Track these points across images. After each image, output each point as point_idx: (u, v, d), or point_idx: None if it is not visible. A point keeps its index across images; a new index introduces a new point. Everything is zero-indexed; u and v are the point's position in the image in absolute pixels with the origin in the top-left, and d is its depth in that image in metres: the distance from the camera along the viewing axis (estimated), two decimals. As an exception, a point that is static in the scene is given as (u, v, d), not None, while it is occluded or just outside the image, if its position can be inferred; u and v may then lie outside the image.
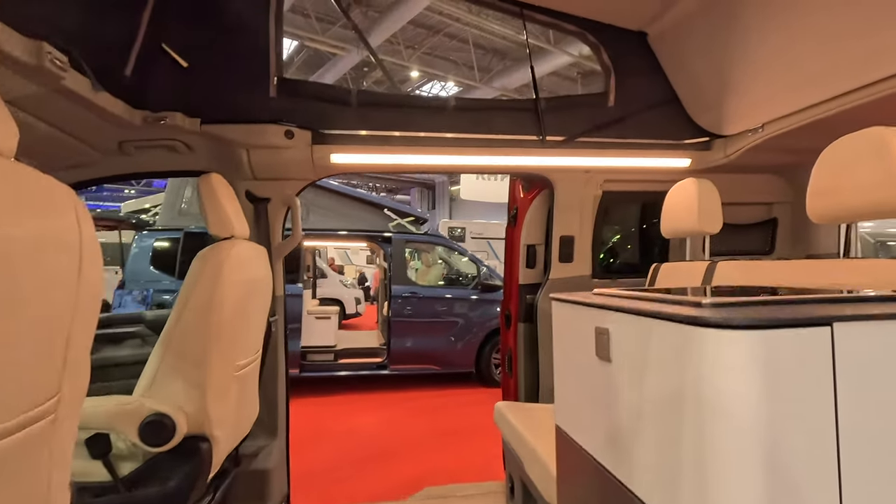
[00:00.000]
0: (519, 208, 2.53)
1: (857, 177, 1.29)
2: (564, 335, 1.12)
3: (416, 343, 6.02)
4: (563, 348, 1.14)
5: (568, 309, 1.10)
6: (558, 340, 1.17)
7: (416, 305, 6.07)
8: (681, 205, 2.03)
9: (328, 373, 5.85)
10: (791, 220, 2.51)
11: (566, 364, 1.12)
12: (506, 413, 2.05)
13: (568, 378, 1.11)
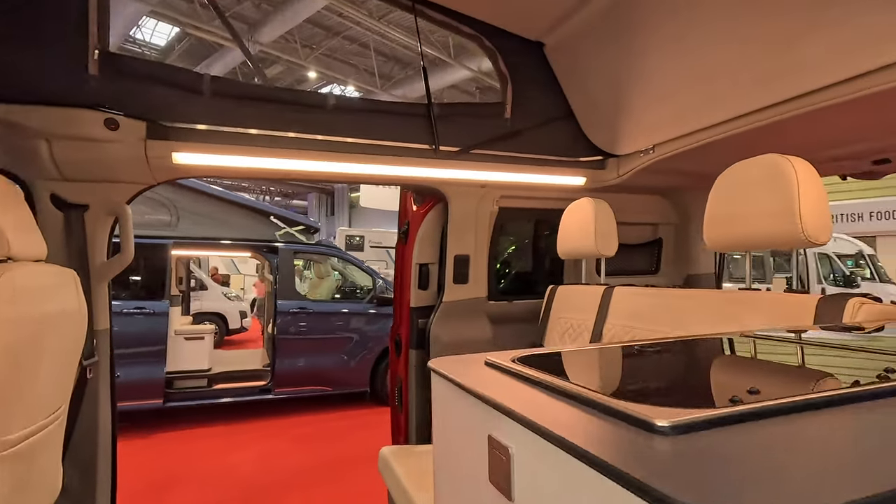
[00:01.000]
0: (410, 223, 2.30)
1: (753, 205, 1.24)
2: (446, 431, 0.74)
3: (305, 363, 5.52)
4: (444, 449, 0.75)
5: (451, 392, 0.70)
6: (439, 434, 0.78)
7: (306, 322, 5.59)
8: (577, 226, 1.93)
9: (201, 401, 5.13)
10: (674, 240, 2.57)
11: (447, 474, 0.74)
12: (391, 461, 1.79)
13: (450, 498, 0.75)
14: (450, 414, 0.69)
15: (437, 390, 0.75)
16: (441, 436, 0.73)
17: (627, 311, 1.66)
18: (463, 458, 0.64)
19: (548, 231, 2.55)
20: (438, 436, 0.74)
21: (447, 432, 0.71)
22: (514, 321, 2.39)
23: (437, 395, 0.75)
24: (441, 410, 0.72)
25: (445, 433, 0.71)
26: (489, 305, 2.32)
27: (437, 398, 0.75)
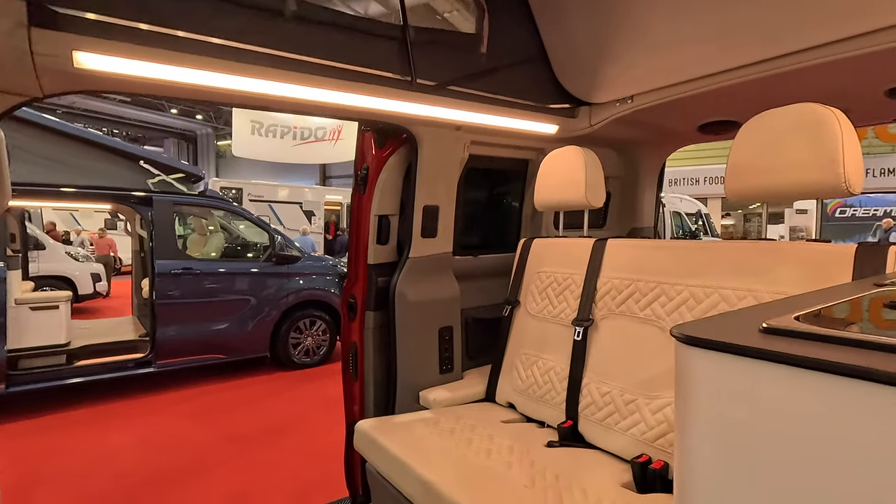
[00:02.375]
0: (370, 168, 2.00)
1: (789, 154, 1.22)
2: (739, 427, 0.49)
3: (192, 330, 4.86)
4: (727, 450, 0.50)
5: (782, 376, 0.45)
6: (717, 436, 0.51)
7: (192, 283, 4.88)
8: (563, 175, 1.83)
9: (59, 382, 4.25)
10: (621, 194, 2.62)
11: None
12: (375, 435, 1.58)
13: None
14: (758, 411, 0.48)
15: (717, 373, 0.53)
16: (727, 438, 0.49)
17: (626, 264, 1.62)
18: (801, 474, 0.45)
19: (512, 183, 2.43)
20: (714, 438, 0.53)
21: (746, 433, 0.47)
22: (481, 277, 2.26)
23: (716, 379, 0.52)
24: (733, 408, 0.51)
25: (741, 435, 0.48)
26: (455, 261, 2.15)
27: (713, 382, 0.52)
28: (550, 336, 1.81)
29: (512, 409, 1.90)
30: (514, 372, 1.90)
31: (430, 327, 2.02)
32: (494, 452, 1.46)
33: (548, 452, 1.50)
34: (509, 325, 2.01)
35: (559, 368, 1.73)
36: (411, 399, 1.98)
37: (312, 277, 5.73)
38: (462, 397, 1.96)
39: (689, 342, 0.51)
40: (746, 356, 0.46)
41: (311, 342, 5.71)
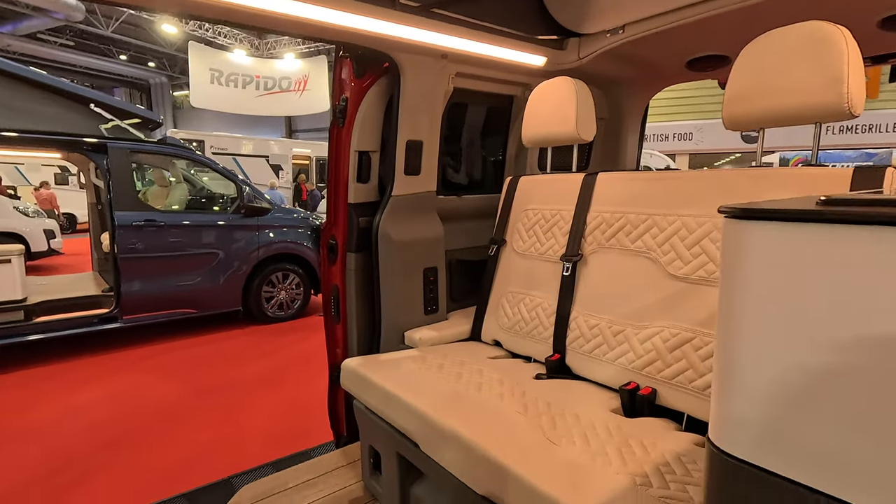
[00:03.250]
0: (349, 100, 1.87)
1: (792, 76, 1.19)
2: (799, 292, 0.50)
3: (160, 284, 4.69)
4: (784, 316, 0.51)
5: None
6: (764, 296, 0.53)
7: (156, 236, 4.67)
8: (553, 108, 1.76)
9: (16, 338, 4.06)
10: (604, 136, 2.58)
11: (777, 352, 0.52)
12: (363, 371, 1.56)
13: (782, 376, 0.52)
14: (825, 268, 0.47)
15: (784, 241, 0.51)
16: (778, 296, 0.49)
17: (617, 197, 1.59)
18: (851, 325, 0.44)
19: (495, 120, 2.34)
20: (762, 297, 0.50)
21: (799, 291, 0.47)
22: (465, 218, 2.21)
23: (781, 246, 0.50)
24: (790, 267, 0.49)
25: (792, 294, 0.48)
26: (439, 201, 2.08)
27: (779, 251, 0.50)
28: (538, 273, 1.79)
29: (498, 346, 1.90)
30: (501, 310, 1.89)
31: (415, 268, 1.97)
32: (485, 385, 1.46)
33: (537, 384, 1.51)
34: (495, 265, 1.98)
35: (546, 305, 1.72)
36: (396, 340, 1.96)
37: (284, 230, 5.57)
38: (447, 336, 1.94)
39: (744, 216, 0.47)
40: (811, 221, 0.43)
41: (284, 296, 5.62)
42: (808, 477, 0.48)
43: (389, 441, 1.47)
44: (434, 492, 1.42)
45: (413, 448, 1.34)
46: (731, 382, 0.53)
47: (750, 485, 0.52)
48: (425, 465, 1.33)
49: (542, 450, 1.09)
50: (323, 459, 1.95)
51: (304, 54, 17.79)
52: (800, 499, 0.48)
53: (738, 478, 0.53)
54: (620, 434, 1.19)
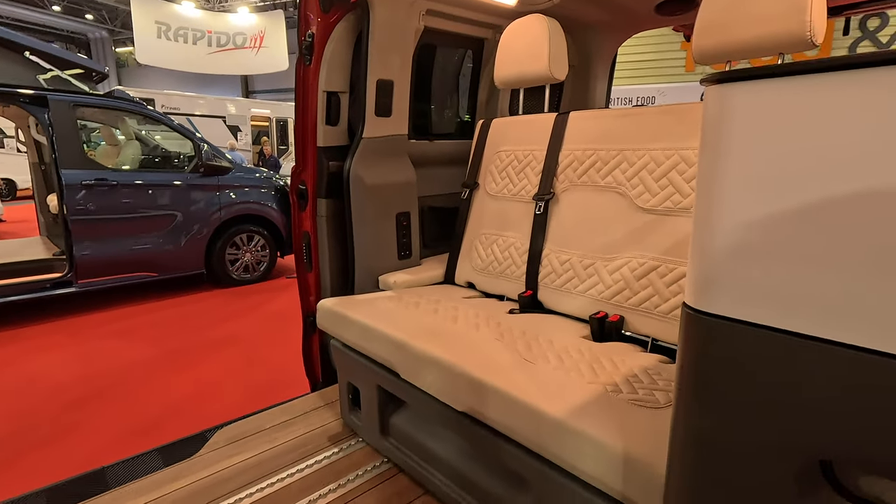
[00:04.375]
0: (315, 36, 1.80)
1: (752, 7, 1.22)
2: (781, 146, 0.53)
3: (114, 246, 4.49)
4: (760, 176, 0.54)
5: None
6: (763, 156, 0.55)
7: (108, 196, 4.44)
8: (526, 48, 1.74)
9: (-39, 305, 3.84)
10: (573, 82, 2.58)
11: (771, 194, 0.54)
12: (340, 309, 1.56)
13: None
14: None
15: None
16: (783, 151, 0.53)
17: (588, 135, 1.62)
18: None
19: (466, 63, 2.30)
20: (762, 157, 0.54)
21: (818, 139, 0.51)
22: (437, 164, 2.20)
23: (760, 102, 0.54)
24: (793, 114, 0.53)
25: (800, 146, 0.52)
26: (411, 145, 2.06)
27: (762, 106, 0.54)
28: (511, 214, 1.81)
29: (472, 288, 1.93)
30: (474, 252, 1.91)
31: (388, 212, 1.96)
32: (461, 318, 1.49)
33: (511, 317, 1.56)
34: (468, 208, 1.99)
35: (519, 244, 1.75)
36: (370, 285, 1.96)
37: (246, 190, 5.39)
38: (422, 279, 1.96)
39: (726, 79, 0.50)
40: (795, 74, 0.46)
41: (249, 258, 5.49)
42: (782, 321, 0.52)
43: (368, 374, 1.50)
44: (413, 418, 1.47)
45: (392, 378, 1.38)
46: (710, 244, 0.57)
47: (728, 338, 0.57)
48: (405, 393, 1.36)
49: (519, 367, 1.14)
50: (300, 402, 1.97)
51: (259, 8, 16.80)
52: (775, 343, 0.53)
53: (717, 334, 0.57)
54: (591, 354, 1.25)
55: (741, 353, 0.55)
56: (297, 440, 1.68)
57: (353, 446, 1.64)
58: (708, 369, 0.58)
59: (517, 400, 1.00)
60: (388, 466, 1.53)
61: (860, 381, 0.48)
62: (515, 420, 1.00)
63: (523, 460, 1.04)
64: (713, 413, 0.58)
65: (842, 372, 0.48)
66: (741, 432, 0.56)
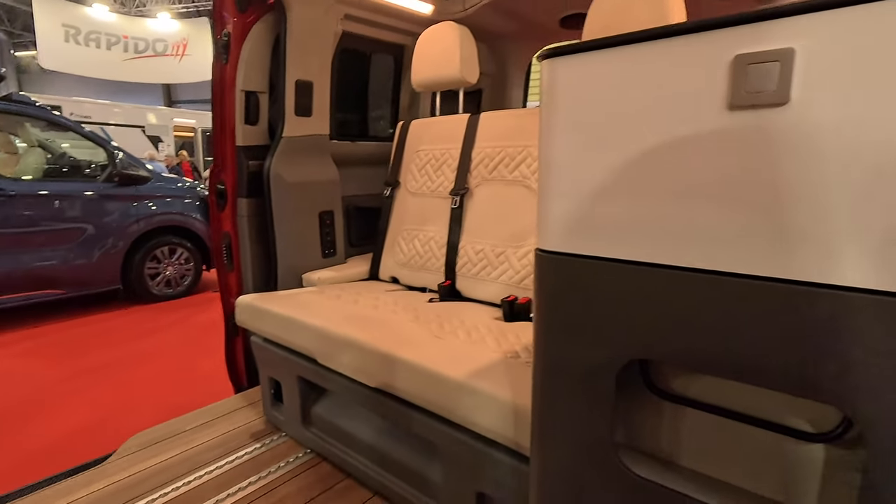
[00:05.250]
0: (232, 35, 1.81)
1: (631, 23, 1.39)
2: (585, 109, 0.66)
3: (13, 262, 4.13)
4: (578, 132, 0.66)
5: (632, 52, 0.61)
6: (565, 113, 0.68)
7: (5, 208, 4.09)
8: (439, 53, 1.86)
9: None
10: (491, 90, 2.74)
11: (592, 143, 0.66)
12: (261, 304, 1.57)
13: (597, 163, 0.66)
14: (609, 73, 0.64)
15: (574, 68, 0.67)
16: (580, 108, 0.67)
17: (498, 133, 1.74)
18: (640, 113, 0.61)
19: (387, 67, 2.38)
20: (564, 113, 0.67)
21: (601, 101, 0.64)
22: (361, 164, 2.25)
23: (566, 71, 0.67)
24: (587, 80, 0.65)
25: (594, 104, 0.65)
26: (333, 145, 2.10)
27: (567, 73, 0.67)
28: (430, 209, 1.90)
29: (396, 283, 2.00)
30: (397, 247, 1.98)
31: (310, 210, 1.99)
32: (380, 307, 1.55)
33: (429, 305, 1.64)
34: (390, 206, 2.06)
35: (438, 237, 1.84)
36: (294, 283, 1.97)
37: (168, 201, 5.14)
38: (346, 276, 2.00)
39: (554, 54, 0.61)
40: (600, 48, 0.58)
41: (172, 272, 5.22)
42: (602, 250, 0.65)
43: (289, 366, 1.51)
44: (334, 406, 1.50)
45: (312, 366, 1.40)
46: (547, 192, 0.68)
47: (565, 271, 0.68)
48: (324, 380, 1.40)
49: (429, 342, 1.22)
50: (221, 404, 1.93)
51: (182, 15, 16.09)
52: (598, 269, 0.65)
53: (556, 268, 0.69)
54: (499, 329, 1.36)
55: (577, 282, 0.67)
56: (217, 440, 1.65)
57: (276, 441, 1.63)
58: (554, 302, 0.69)
59: (423, 368, 1.07)
60: (311, 456, 1.55)
61: (662, 291, 0.60)
62: (422, 387, 1.07)
63: (432, 426, 1.11)
64: (559, 338, 0.69)
65: (651, 286, 0.61)
66: (580, 350, 0.67)
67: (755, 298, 0.53)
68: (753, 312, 0.53)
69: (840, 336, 0.49)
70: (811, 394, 0.52)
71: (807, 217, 0.50)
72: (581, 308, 0.67)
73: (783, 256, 0.52)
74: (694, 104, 0.55)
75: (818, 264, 0.50)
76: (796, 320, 0.51)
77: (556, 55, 0.65)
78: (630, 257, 0.62)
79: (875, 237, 0.47)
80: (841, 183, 0.48)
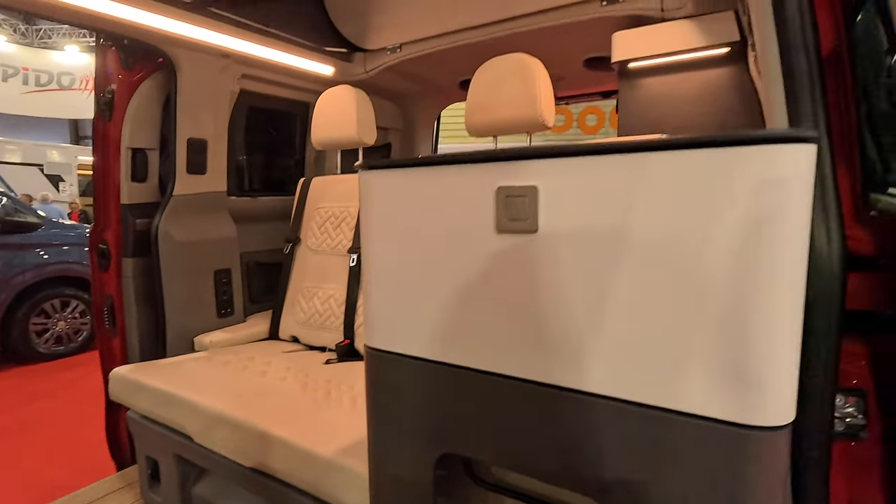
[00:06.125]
0: (116, 92, 1.75)
1: (506, 94, 1.51)
2: (393, 219, 0.72)
3: None
4: (388, 238, 0.73)
5: (419, 176, 0.69)
6: (379, 233, 0.75)
7: None
8: (337, 114, 1.90)
9: None
10: (400, 145, 2.83)
11: (394, 255, 0.74)
12: (139, 377, 1.46)
13: (403, 275, 0.73)
14: (402, 196, 0.69)
15: (380, 183, 0.71)
16: (387, 227, 0.74)
17: None
18: (427, 230, 0.66)
19: (288, 125, 2.39)
20: (378, 233, 0.72)
21: (397, 219, 0.72)
22: (263, 220, 2.20)
23: (379, 187, 0.71)
24: (388, 198, 0.70)
25: (393, 222, 0.73)
26: (231, 201, 2.05)
27: (378, 189, 0.71)
28: (330, 267, 1.89)
29: (296, 342, 1.94)
30: (297, 306, 1.94)
31: (205, 269, 1.91)
32: (270, 373, 1.50)
33: (325, 368, 1.61)
34: (291, 263, 2.03)
35: (338, 295, 1.83)
36: (185, 347, 1.86)
37: (63, 249, 4.72)
38: (243, 337, 1.92)
39: (368, 168, 0.66)
40: (402, 167, 0.64)
41: (64, 327, 4.74)
42: (414, 349, 0.69)
43: (165, 444, 1.41)
44: (214, 486, 1.41)
45: (189, 443, 1.32)
46: (369, 292, 0.72)
47: (384, 366, 0.71)
48: (202, 458, 1.31)
49: (309, 415, 1.19)
50: (95, 487, 1.75)
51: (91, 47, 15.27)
52: (409, 367, 0.68)
53: (378, 363, 0.72)
54: None
55: (393, 378, 0.70)
56: (84, 531, 1.48)
57: (154, 527, 1.50)
58: (379, 395, 0.73)
59: (296, 446, 1.04)
60: (193, 542, 1.43)
61: (460, 390, 0.65)
62: (295, 466, 1.04)
63: None
64: (385, 430, 0.72)
65: (450, 385, 0.66)
66: (402, 441, 0.70)
67: (530, 400, 0.59)
68: (529, 412, 0.59)
69: (591, 436, 0.55)
70: (576, 487, 0.58)
71: (558, 330, 0.57)
72: (400, 402, 0.70)
73: (546, 363, 0.58)
74: (473, 225, 0.61)
75: (571, 372, 0.57)
76: (561, 421, 0.57)
77: (370, 168, 0.71)
78: (431, 357, 0.67)
79: (608, 351, 0.54)
80: (579, 302, 0.55)
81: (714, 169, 0.49)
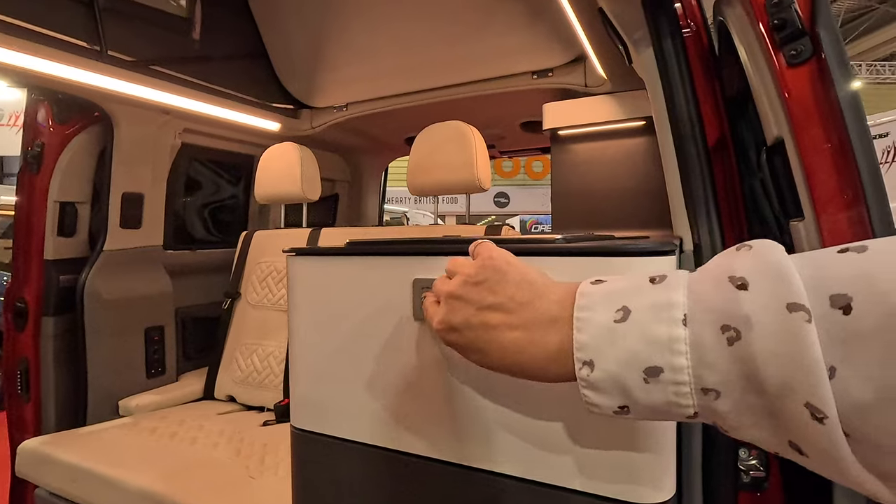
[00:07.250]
0: (46, 146, 1.69)
1: (444, 157, 1.60)
2: (319, 303, 0.74)
3: None
4: (314, 321, 0.75)
5: (338, 265, 0.71)
6: (304, 312, 0.76)
7: None
8: (281, 170, 1.92)
9: None
10: (348, 197, 2.86)
11: (318, 342, 0.75)
12: (46, 450, 1.35)
13: (327, 361, 0.74)
14: (323, 283, 0.71)
15: (307, 269, 0.72)
16: (310, 310, 0.75)
17: None
18: (349, 320, 0.68)
19: (233, 178, 2.37)
20: (303, 312, 0.72)
21: (319, 304, 0.74)
22: (201, 273, 2.14)
23: (305, 273, 0.72)
24: (311, 284, 0.71)
25: (316, 306, 0.74)
26: (167, 255, 1.98)
27: (304, 275, 0.72)
28: (270, 323, 1.86)
29: (233, 402, 1.86)
30: (234, 363, 1.87)
31: (134, 328, 1.82)
32: (201, 439, 1.43)
33: (261, 430, 1.55)
34: (229, 318, 1.97)
35: (278, 352, 1.79)
36: (108, 412, 1.74)
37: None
38: (174, 399, 1.82)
39: (296, 254, 0.69)
40: (327, 255, 0.67)
41: (-32, 387, 4.27)
42: (333, 429, 0.69)
43: None
44: None
45: None
46: (293, 371, 0.73)
47: (310, 446, 0.71)
48: None
49: (238, 488, 1.14)
50: None
51: (25, 86, 14.57)
52: (331, 447, 0.69)
53: (303, 443, 0.72)
54: None
55: (321, 458, 0.71)
56: None
57: None
58: (302, 475, 0.73)
59: None
60: None
61: (382, 472, 0.66)
62: None
63: None
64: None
65: (373, 466, 0.67)
66: None
67: (447, 482, 0.61)
68: (448, 494, 0.61)
69: None
70: None
71: (464, 411, 0.61)
72: (324, 483, 0.70)
73: (459, 444, 0.61)
74: (393, 312, 0.65)
75: (481, 452, 0.60)
76: (472, 501, 0.59)
77: (297, 254, 0.74)
78: (358, 439, 0.68)
79: (517, 432, 0.58)
80: (486, 388, 0.59)
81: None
